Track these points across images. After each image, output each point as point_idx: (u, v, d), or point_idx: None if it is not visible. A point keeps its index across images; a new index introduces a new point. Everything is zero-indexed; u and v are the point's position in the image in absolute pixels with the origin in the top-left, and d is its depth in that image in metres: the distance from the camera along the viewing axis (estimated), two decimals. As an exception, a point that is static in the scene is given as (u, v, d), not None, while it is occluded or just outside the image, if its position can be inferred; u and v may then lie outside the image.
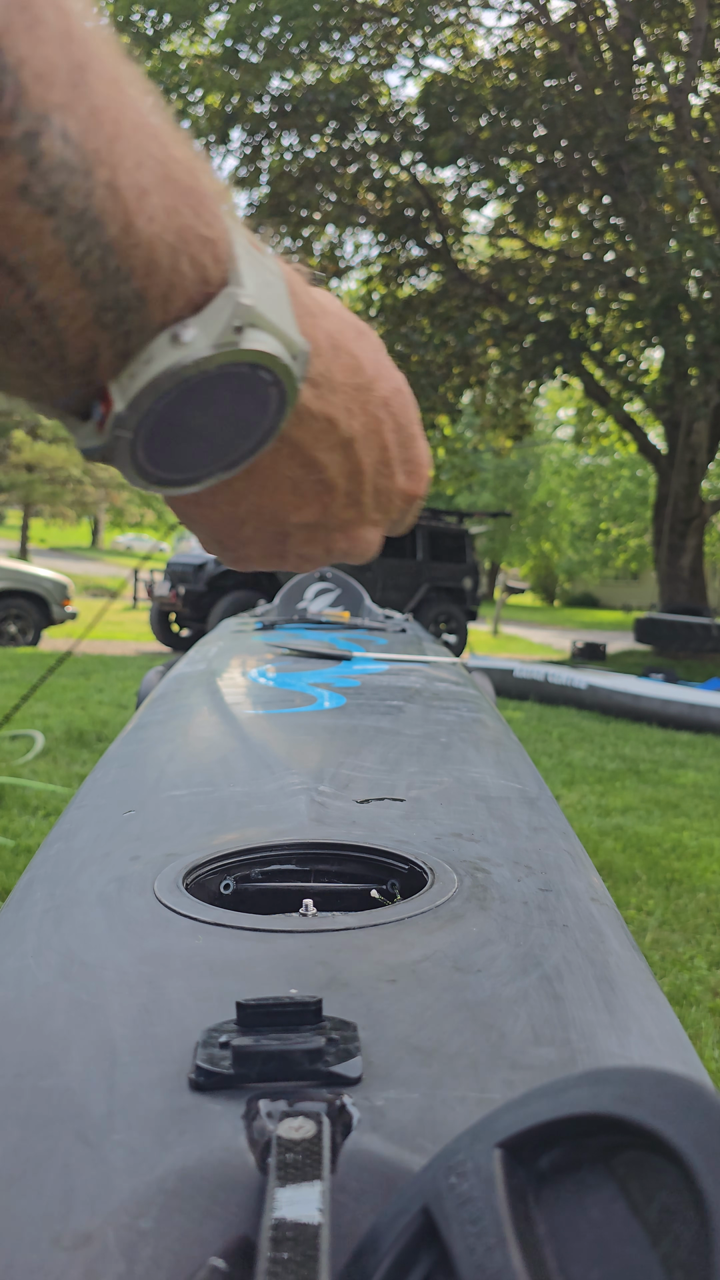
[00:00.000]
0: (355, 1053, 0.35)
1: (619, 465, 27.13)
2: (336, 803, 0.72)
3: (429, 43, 11.00)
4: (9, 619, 9.21)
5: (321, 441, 0.35)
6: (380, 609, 2.37)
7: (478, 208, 12.05)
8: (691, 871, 3.22)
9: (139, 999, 0.41)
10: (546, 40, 10.62)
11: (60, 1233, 0.28)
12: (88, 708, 5.63)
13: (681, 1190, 0.22)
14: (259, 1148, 0.31)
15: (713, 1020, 2.19)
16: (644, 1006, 0.44)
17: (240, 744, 0.93)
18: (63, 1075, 0.36)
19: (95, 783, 0.85)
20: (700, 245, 8.96)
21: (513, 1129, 0.25)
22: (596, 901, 0.57)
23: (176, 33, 11.17)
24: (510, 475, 29.89)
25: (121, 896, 0.53)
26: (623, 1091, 0.24)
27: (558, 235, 12.67)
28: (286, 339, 0.30)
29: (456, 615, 11.09)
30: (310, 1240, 0.27)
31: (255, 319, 0.29)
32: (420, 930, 0.49)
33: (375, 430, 0.37)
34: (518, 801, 0.77)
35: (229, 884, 0.59)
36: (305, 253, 12.70)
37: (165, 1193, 0.30)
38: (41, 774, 3.94)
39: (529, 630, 20.26)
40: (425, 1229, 0.25)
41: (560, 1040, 0.39)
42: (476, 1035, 0.39)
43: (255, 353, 0.29)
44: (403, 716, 1.09)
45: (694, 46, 9.27)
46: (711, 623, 11.32)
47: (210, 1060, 0.35)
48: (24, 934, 0.50)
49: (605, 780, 4.58)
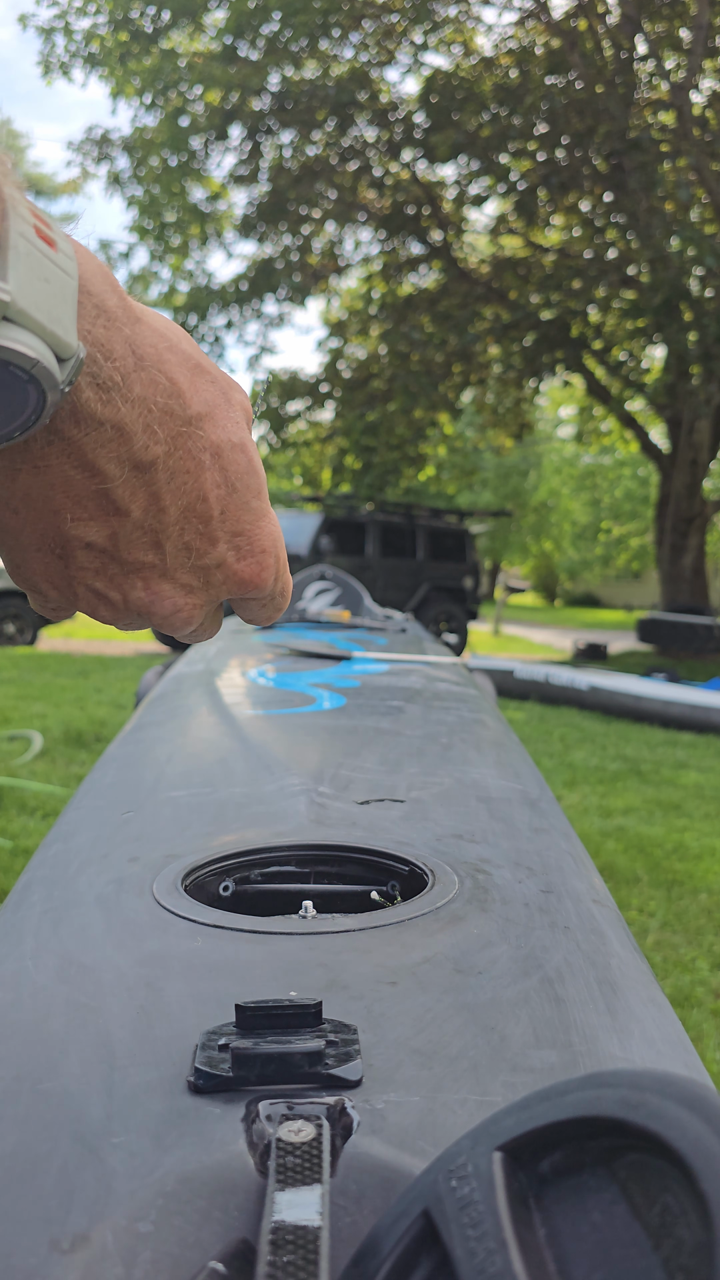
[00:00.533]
0: (355, 1055, 0.35)
1: (620, 464, 27.10)
2: (336, 804, 0.72)
3: (429, 39, 10.98)
4: (7, 619, 9.22)
5: (106, 450, 0.33)
6: (380, 609, 2.37)
7: (478, 205, 12.03)
8: (694, 873, 3.22)
9: (138, 1001, 0.41)
10: (548, 37, 10.60)
11: (59, 1235, 0.28)
12: (86, 708, 5.63)
13: (683, 1193, 0.22)
14: (258, 1151, 0.31)
15: (715, 1022, 2.19)
16: (646, 1009, 0.44)
17: (239, 745, 0.93)
18: (61, 1078, 0.36)
19: (94, 783, 0.85)
20: (702, 243, 8.95)
21: (514, 1132, 0.25)
22: (598, 903, 0.57)
23: (176, 29, 11.15)
24: (511, 474, 29.87)
25: (120, 898, 0.53)
26: (624, 1094, 0.24)
27: (559, 233, 12.66)
28: (54, 338, 0.29)
29: (457, 615, 11.08)
30: (310, 1243, 0.27)
31: (15, 315, 0.28)
32: (421, 932, 0.48)
33: (191, 470, 0.36)
34: (519, 802, 0.77)
35: (228, 886, 0.59)
36: (305, 250, 12.69)
37: (164, 1196, 0.30)
38: (40, 774, 3.94)
39: (530, 630, 20.26)
40: (426, 1232, 0.25)
41: (561, 1043, 0.39)
42: (477, 1038, 0.39)
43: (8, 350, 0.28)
44: (403, 717, 1.09)
45: (695, 43, 9.26)
46: (714, 622, 11.31)
47: (209, 1063, 0.35)
48: (22, 936, 0.50)
49: (607, 781, 4.58)
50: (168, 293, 13.19)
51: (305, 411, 13.44)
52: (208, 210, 12.52)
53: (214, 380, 0.37)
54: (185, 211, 12.24)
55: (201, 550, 0.37)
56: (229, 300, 12.61)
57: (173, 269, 13.03)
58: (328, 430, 13.44)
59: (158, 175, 11.82)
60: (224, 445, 0.36)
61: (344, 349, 13.64)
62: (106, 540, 0.36)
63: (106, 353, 0.32)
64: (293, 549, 10.20)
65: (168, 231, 12.46)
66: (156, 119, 11.50)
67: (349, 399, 12.57)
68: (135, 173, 11.98)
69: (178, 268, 13.03)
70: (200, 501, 0.36)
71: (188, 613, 0.39)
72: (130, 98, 11.39)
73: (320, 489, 14.86)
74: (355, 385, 12.65)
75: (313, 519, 10.55)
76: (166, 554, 0.37)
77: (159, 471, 0.35)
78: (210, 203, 12.58)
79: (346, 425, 12.46)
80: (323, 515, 10.52)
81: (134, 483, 0.35)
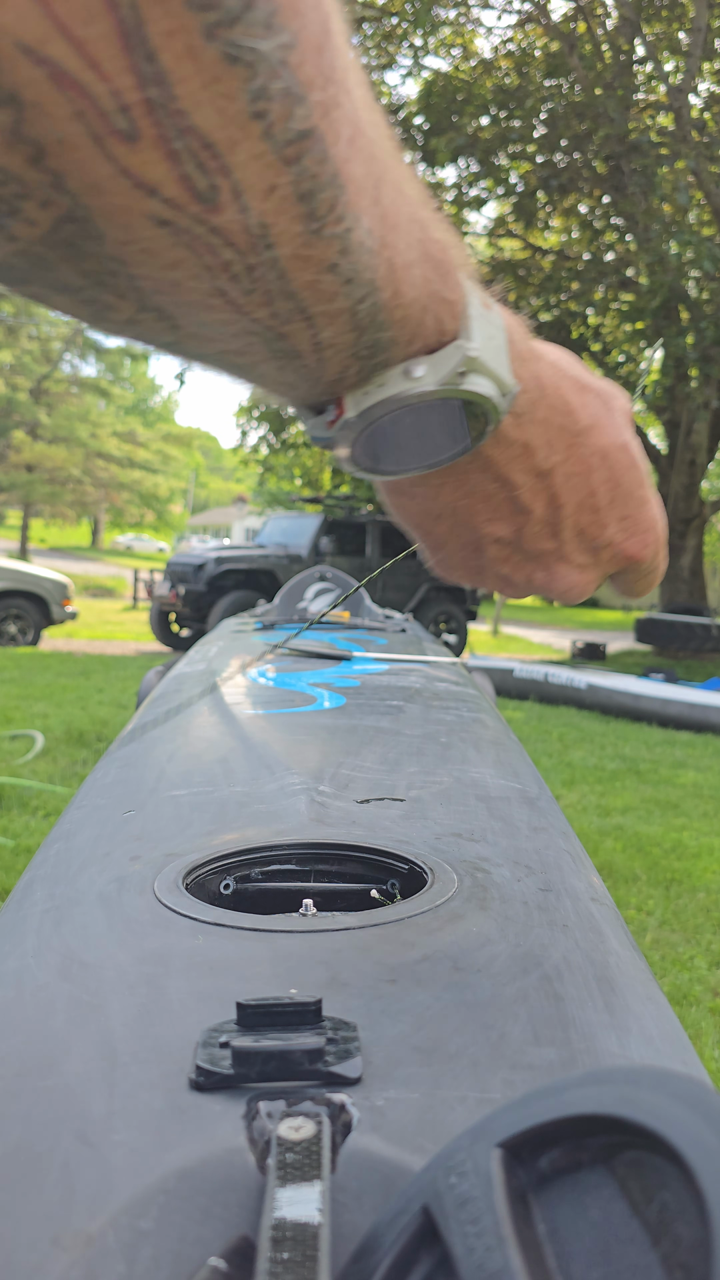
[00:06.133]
0: (355, 1053, 0.35)
1: (619, 465, 27.03)
2: (336, 803, 0.72)
3: (429, 42, 10.99)
4: (9, 619, 9.21)
5: (516, 463, 0.41)
6: (380, 609, 2.37)
7: (478, 207, 12.03)
8: (691, 871, 3.22)
9: (139, 999, 0.41)
10: (546, 40, 10.61)
11: (60, 1233, 0.28)
12: (87, 708, 5.63)
13: (682, 1190, 0.22)
14: (259, 1148, 0.31)
15: (713, 1020, 2.19)
16: (644, 1006, 0.44)
17: (240, 744, 0.93)
18: (62, 1075, 0.36)
19: (95, 783, 0.85)
20: (700, 246, 8.96)
21: (513, 1129, 0.25)
22: (596, 901, 0.57)
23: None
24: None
25: (121, 896, 0.53)
26: (623, 1091, 0.24)
27: (558, 235, 12.66)
28: (500, 380, 0.37)
29: (456, 615, 11.08)
30: (310, 1240, 0.27)
31: (477, 367, 0.36)
32: (420, 930, 0.49)
33: (582, 472, 0.42)
34: (518, 801, 0.77)
35: (229, 884, 0.59)
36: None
37: (165, 1193, 0.30)
38: (41, 774, 3.94)
39: (529, 630, 20.26)
40: (425, 1229, 0.25)
41: (560, 1040, 0.39)
42: (476, 1035, 0.39)
43: (473, 394, 0.36)
44: (403, 716, 1.09)
45: (694, 46, 9.27)
46: (711, 623, 11.32)
47: (210, 1060, 0.35)
48: (24, 934, 0.50)
49: (605, 780, 4.58)
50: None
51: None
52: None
53: (598, 394, 0.43)
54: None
55: (594, 535, 0.44)
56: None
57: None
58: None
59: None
60: (609, 448, 0.43)
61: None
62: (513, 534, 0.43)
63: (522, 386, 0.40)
64: (293, 549, 10.21)
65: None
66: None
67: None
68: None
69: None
70: (590, 496, 0.43)
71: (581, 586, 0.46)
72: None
73: (320, 490, 14.85)
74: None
75: (313, 520, 10.55)
76: (564, 541, 0.44)
77: (557, 476, 0.42)
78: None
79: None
80: (323, 516, 10.52)
81: (537, 487, 0.42)
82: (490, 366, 0.36)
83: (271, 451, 13.49)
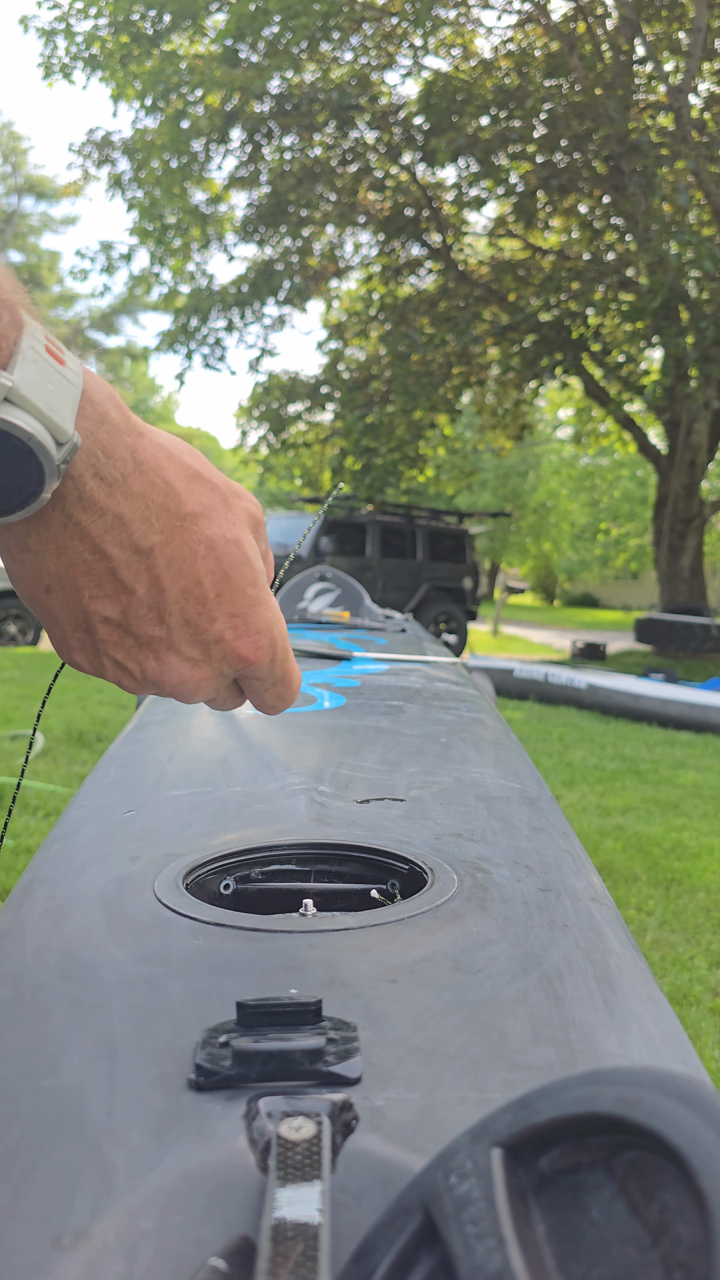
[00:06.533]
0: (355, 1053, 0.35)
1: (619, 465, 27.09)
2: (336, 803, 0.72)
3: (429, 42, 10.97)
4: (9, 619, 9.21)
5: (110, 535, 0.40)
6: (380, 609, 2.37)
7: (478, 207, 12.02)
8: (691, 871, 3.22)
9: (139, 999, 0.41)
10: (546, 40, 10.60)
11: (60, 1232, 0.28)
12: (88, 708, 5.63)
13: (681, 1190, 0.22)
14: (259, 1148, 0.31)
15: (713, 1020, 2.19)
16: (644, 1006, 0.44)
17: (240, 744, 0.93)
18: (63, 1075, 0.36)
19: (95, 782, 0.85)
20: (700, 246, 8.95)
21: (513, 1129, 0.25)
22: (596, 901, 0.57)
23: (176, 32, 11.14)
24: (510, 475, 29.87)
25: (122, 896, 0.53)
26: (623, 1091, 0.24)
27: (558, 235, 12.65)
28: (50, 423, 0.37)
29: (456, 615, 11.09)
30: (310, 1240, 0.27)
31: (17, 399, 0.36)
32: (420, 930, 0.49)
33: (186, 558, 0.42)
34: (518, 801, 0.77)
35: (229, 884, 0.59)
36: (305, 253, 12.68)
37: (165, 1193, 0.30)
38: (41, 774, 3.94)
39: (529, 630, 20.26)
40: (425, 1229, 0.25)
41: (560, 1040, 0.39)
42: (476, 1035, 0.39)
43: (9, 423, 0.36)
44: (403, 716, 1.09)
45: (694, 46, 9.26)
46: (711, 623, 11.31)
47: (210, 1060, 0.35)
48: (24, 934, 0.50)
49: (605, 780, 4.58)
50: (168, 295, 13.18)
51: (305, 413, 13.42)
52: (208, 213, 12.50)
53: (214, 488, 0.44)
54: (186, 214, 12.22)
55: (201, 626, 0.44)
56: (230, 303, 12.59)
57: (173, 271, 13.02)
58: (327, 431, 13.43)
59: (158, 178, 11.81)
60: (218, 540, 0.43)
61: (344, 351, 13.62)
62: (119, 615, 0.42)
63: (108, 453, 0.40)
64: (293, 549, 10.20)
65: (168, 234, 12.44)
66: (157, 121, 11.49)
67: (349, 400, 12.55)
68: (136, 175, 11.97)
69: (179, 270, 13.01)
70: (196, 584, 0.43)
71: (194, 683, 0.45)
72: (131, 100, 11.38)
73: (320, 490, 14.85)
74: (355, 387, 12.64)
75: (313, 520, 10.55)
76: (171, 628, 0.43)
77: (157, 556, 0.41)
78: (211, 205, 12.55)
79: (346, 427, 12.44)
80: (322, 516, 10.52)
81: (136, 565, 0.41)
82: (36, 404, 0.36)
83: (271, 451, 13.48)
